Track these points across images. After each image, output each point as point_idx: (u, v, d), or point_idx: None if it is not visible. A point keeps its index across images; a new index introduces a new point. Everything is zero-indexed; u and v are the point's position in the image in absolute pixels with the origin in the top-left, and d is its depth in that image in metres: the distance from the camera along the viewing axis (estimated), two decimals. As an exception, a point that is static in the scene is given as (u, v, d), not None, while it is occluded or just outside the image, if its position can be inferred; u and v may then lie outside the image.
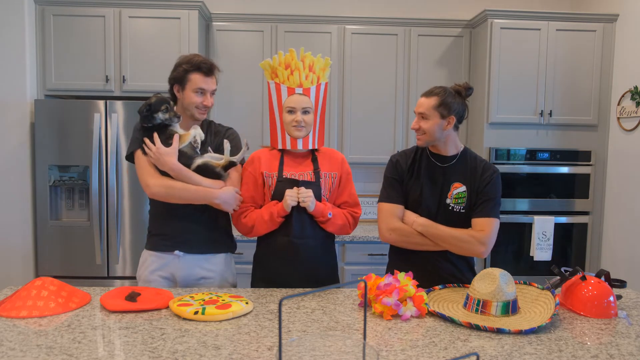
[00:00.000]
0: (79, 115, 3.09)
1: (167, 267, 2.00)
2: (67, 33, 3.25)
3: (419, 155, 1.98)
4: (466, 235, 1.85)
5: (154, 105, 1.90)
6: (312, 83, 1.97)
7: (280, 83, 1.97)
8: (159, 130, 1.91)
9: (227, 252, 2.10)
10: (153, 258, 2.02)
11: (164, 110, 1.90)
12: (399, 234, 1.90)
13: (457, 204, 1.90)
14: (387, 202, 1.94)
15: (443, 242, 1.87)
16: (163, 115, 1.90)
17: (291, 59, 1.96)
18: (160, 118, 1.90)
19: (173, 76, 1.99)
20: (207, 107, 1.97)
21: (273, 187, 1.97)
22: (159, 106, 1.90)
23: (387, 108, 3.61)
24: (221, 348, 1.32)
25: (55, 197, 3.19)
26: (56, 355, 1.26)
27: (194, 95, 1.94)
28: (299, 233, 1.94)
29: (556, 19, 3.37)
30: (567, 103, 3.42)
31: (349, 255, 3.32)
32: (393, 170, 1.97)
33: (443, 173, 1.93)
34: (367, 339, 1.40)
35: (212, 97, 1.99)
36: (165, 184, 1.88)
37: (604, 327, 1.52)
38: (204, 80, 1.94)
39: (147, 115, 1.90)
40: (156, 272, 2.01)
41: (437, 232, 1.86)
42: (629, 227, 3.25)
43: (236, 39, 3.52)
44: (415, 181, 1.94)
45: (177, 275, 2.01)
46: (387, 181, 1.97)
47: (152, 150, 1.88)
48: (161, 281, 2.01)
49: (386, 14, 3.87)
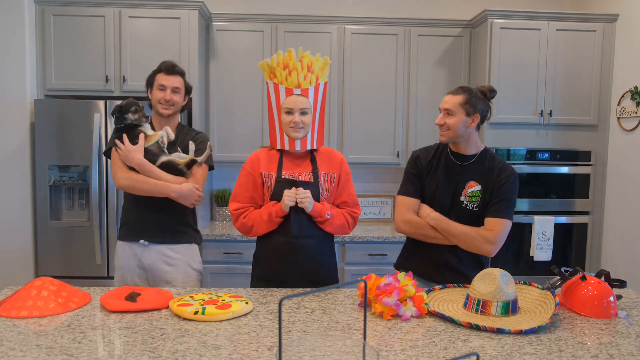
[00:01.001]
0: (79, 115, 3.09)
1: (135, 255, 2.20)
2: (67, 33, 3.25)
3: (439, 152, 2.07)
4: (475, 233, 1.93)
5: (124, 107, 2.12)
6: (310, 83, 1.97)
7: (278, 83, 1.97)
8: (130, 130, 2.12)
9: (192, 242, 2.27)
10: (124, 247, 2.22)
11: (134, 111, 2.12)
12: (412, 226, 2.01)
13: (470, 202, 1.98)
14: (405, 195, 2.05)
15: (453, 237, 1.95)
16: (132, 115, 2.12)
17: (289, 59, 1.95)
18: (130, 118, 2.12)
19: (146, 81, 2.26)
20: (168, 101, 2.17)
21: (272, 187, 1.97)
22: (129, 107, 2.12)
23: (387, 108, 3.61)
24: (221, 348, 1.32)
25: (55, 197, 3.19)
26: (56, 355, 1.26)
27: (157, 92, 2.18)
28: (297, 233, 1.94)
29: (556, 19, 3.37)
30: (567, 103, 3.42)
31: (349, 255, 3.32)
32: (413, 165, 2.07)
33: (460, 171, 2.01)
34: (367, 339, 1.40)
35: (175, 95, 2.19)
36: (129, 176, 2.10)
37: (604, 327, 1.52)
38: (165, 78, 2.17)
39: (118, 116, 2.12)
40: (127, 260, 2.20)
41: (447, 227, 1.95)
42: (629, 227, 3.25)
43: (236, 39, 3.52)
44: (433, 177, 2.03)
45: (145, 263, 2.20)
46: (406, 175, 2.08)
47: (121, 148, 2.10)
48: (134, 268, 2.20)
49: (386, 14, 3.87)
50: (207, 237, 3.27)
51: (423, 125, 3.62)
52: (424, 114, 3.62)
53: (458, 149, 2.02)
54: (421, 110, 3.62)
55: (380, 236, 3.30)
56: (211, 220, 3.83)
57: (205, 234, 3.28)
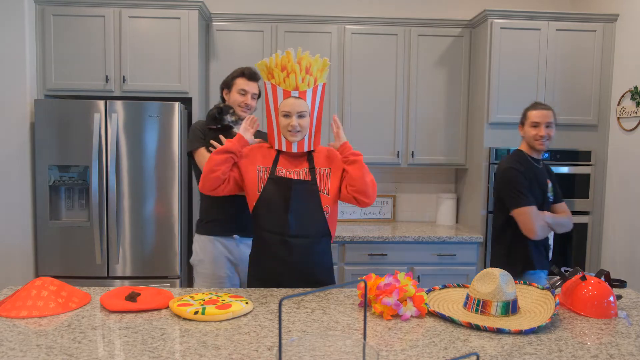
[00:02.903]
0: (79, 115, 3.09)
1: (228, 249, 2.34)
2: (67, 33, 3.25)
3: (524, 161, 2.48)
4: (566, 219, 2.51)
5: (224, 109, 2.30)
6: (308, 85, 1.97)
7: (276, 85, 1.97)
8: (224, 131, 2.30)
9: None
10: (214, 242, 2.34)
11: (232, 113, 2.32)
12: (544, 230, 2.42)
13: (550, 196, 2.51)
14: (529, 205, 2.38)
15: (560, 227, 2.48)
16: (230, 117, 2.31)
17: (287, 61, 1.94)
18: (228, 120, 2.31)
19: (223, 82, 2.44)
20: (247, 105, 2.37)
21: (264, 182, 1.97)
22: (228, 110, 2.31)
23: (387, 108, 3.61)
24: (221, 348, 1.32)
25: (55, 197, 3.19)
26: (56, 355, 1.26)
27: (237, 96, 2.36)
28: (293, 232, 1.94)
29: (556, 19, 3.37)
30: (567, 103, 3.42)
31: (349, 255, 3.32)
32: (522, 178, 2.41)
33: (541, 173, 2.49)
34: (367, 339, 1.40)
35: (253, 100, 2.39)
36: None
37: (604, 327, 1.52)
38: (247, 84, 2.36)
39: (217, 117, 2.29)
40: (219, 255, 2.33)
41: (556, 220, 2.46)
42: (629, 227, 3.25)
43: (236, 39, 3.52)
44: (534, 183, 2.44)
45: (236, 256, 2.35)
46: (522, 187, 2.39)
47: None
48: (225, 262, 2.34)
49: (386, 14, 3.87)
50: (207, 237, 3.27)
51: (423, 125, 3.62)
52: (424, 114, 3.62)
53: (537, 155, 2.51)
54: (421, 110, 3.62)
55: (380, 236, 3.30)
56: (211, 220, 3.83)
57: (205, 234, 3.28)
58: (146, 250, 3.16)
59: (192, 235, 3.33)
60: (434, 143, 3.66)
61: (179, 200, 3.17)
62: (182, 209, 3.25)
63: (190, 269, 3.40)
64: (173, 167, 3.15)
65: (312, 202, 1.97)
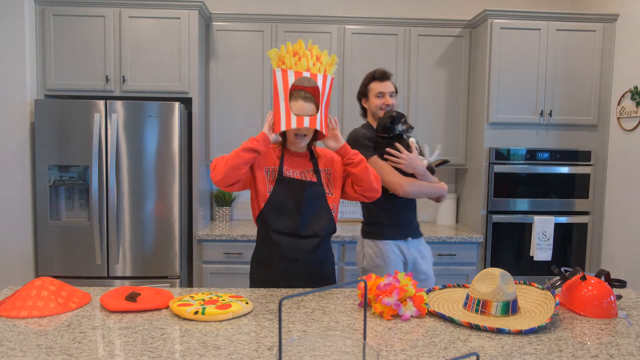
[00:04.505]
0: (79, 115, 3.09)
1: (402, 252, 2.36)
2: (67, 33, 3.25)
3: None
4: None
5: (396, 118, 2.28)
6: (319, 71, 1.94)
7: (287, 69, 1.91)
8: (399, 140, 2.30)
9: None
10: (392, 246, 2.35)
11: (403, 122, 2.30)
12: None
13: None
14: None
15: None
16: (401, 126, 2.30)
17: (299, 48, 1.93)
18: (399, 129, 2.29)
19: (358, 92, 2.45)
20: (389, 105, 2.35)
21: (273, 182, 1.96)
22: (400, 118, 2.29)
23: (387, 108, 3.60)
24: (221, 348, 1.32)
25: (55, 197, 3.19)
26: (56, 355, 1.26)
27: (376, 100, 2.36)
28: (305, 233, 1.95)
29: (556, 19, 3.37)
30: (567, 103, 3.42)
31: (349, 255, 3.32)
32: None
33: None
34: (367, 339, 1.40)
35: (392, 98, 2.36)
36: (413, 182, 2.29)
37: (604, 327, 1.52)
38: (381, 85, 2.35)
39: (389, 126, 2.27)
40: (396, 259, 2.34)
41: None
42: (629, 227, 3.25)
43: (236, 39, 3.52)
44: None
45: (408, 258, 2.38)
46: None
47: (401, 157, 2.26)
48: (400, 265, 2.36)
49: (386, 13, 3.87)
50: (207, 237, 3.27)
51: (423, 125, 3.62)
52: (424, 114, 3.62)
53: None
54: (421, 110, 3.62)
55: (380, 236, 3.30)
56: (211, 221, 3.83)
57: (205, 234, 3.28)
58: (146, 250, 3.16)
59: (193, 236, 3.34)
60: (433, 143, 3.65)
61: (179, 200, 3.17)
62: (182, 209, 3.25)
63: (190, 269, 3.40)
64: (173, 167, 3.14)
65: (320, 202, 1.98)
